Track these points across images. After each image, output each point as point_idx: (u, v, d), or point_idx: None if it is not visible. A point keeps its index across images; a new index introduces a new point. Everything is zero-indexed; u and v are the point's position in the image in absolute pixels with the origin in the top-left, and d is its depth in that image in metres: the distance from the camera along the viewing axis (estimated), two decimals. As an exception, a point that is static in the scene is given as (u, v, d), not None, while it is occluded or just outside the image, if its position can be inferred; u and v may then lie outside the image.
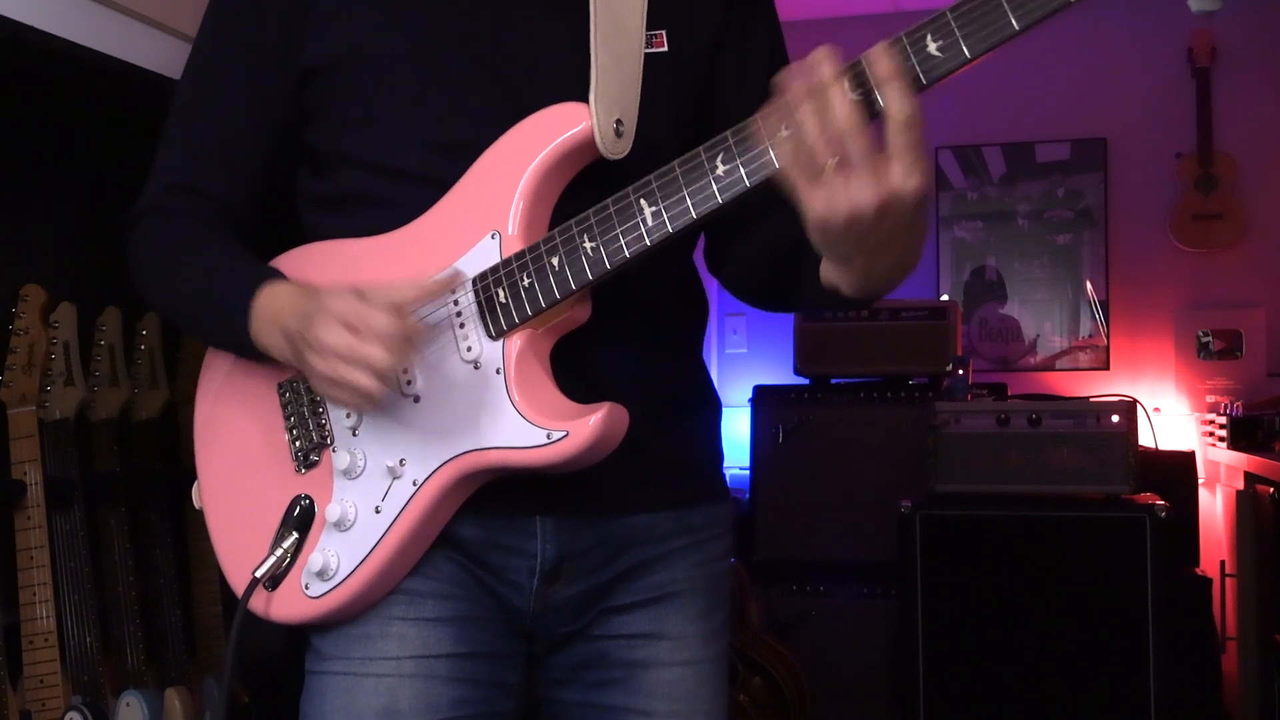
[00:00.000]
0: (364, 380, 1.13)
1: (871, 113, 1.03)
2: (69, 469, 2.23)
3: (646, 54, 1.25)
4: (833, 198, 1.03)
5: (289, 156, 1.35)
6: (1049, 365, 4.52)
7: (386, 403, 1.20)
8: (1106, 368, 4.45)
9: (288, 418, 1.29)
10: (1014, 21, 1.00)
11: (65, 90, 2.33)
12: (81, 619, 2.21)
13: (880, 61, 1.01)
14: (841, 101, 1.01)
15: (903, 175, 1.01)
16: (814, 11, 4.26)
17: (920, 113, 1.02)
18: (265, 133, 1.33)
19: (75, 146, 2.49)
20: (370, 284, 1.16)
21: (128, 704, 2.20)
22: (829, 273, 1.15)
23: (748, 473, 3.94)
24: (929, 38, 1.03)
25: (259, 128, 1.33)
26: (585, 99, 1.19)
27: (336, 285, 1.17)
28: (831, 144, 1.01)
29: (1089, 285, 4.50)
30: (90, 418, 2.35)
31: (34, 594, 2.13)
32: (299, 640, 1.32)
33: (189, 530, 2.55)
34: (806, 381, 3.95)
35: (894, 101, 1.01)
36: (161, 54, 2.27)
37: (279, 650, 1.36)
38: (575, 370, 1.23)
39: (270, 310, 1.22)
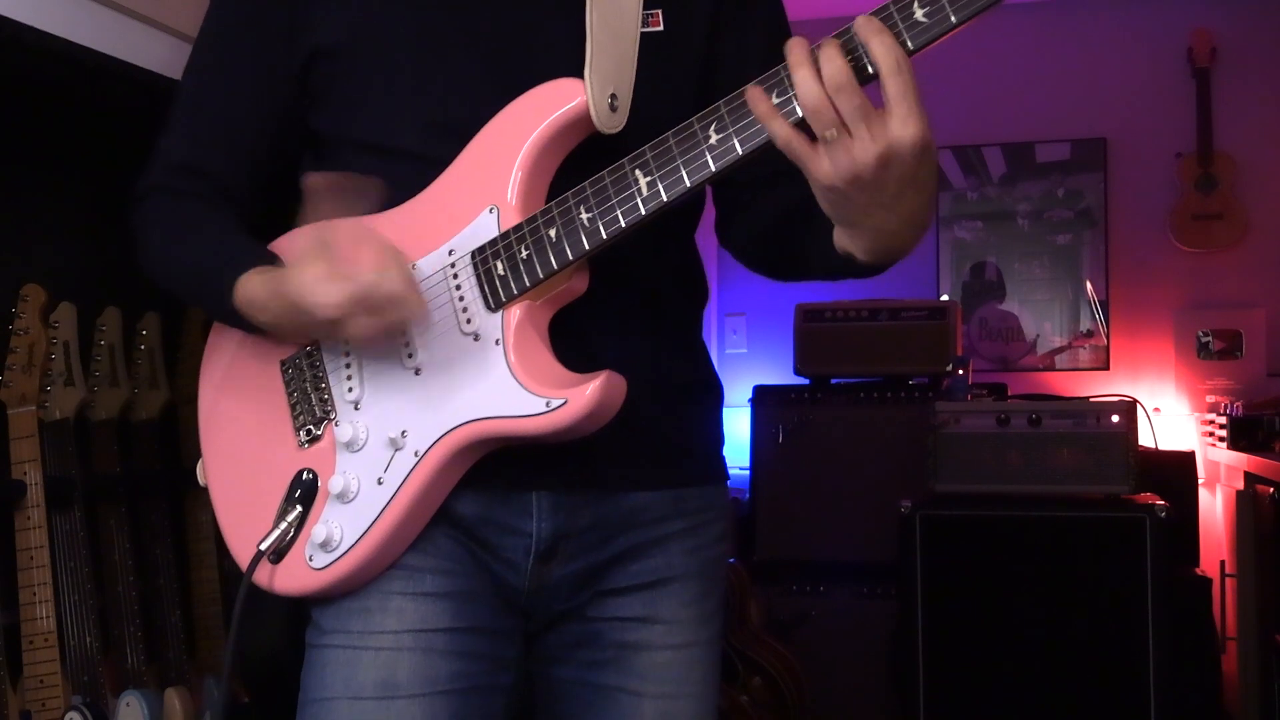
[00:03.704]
0: (414, 310, 1.18)
1: (863, 78, 1.06)
2: (69, 469, 2.23)
3: (643, 33, 1.27)
4: (836, 160, 1.06)
5: (292, 140, 1.36)
6: (1049, 365, 4.52)
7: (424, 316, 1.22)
8: (1106, 368, 4.45)
9: (290, 394, 1.30)
10: None
11: (65, 90, 2.33)
12: (81, 619, 2.21)
13: (864, 22, 1.05)
14: (831, 63, 1.05)
15: (899, 124, 1.04)
16: (814, 11, 4.26)
17: (907, 60, 1.04)
18: (268, 116, 1.35)
19: (75, 146, 2.49)
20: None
21: (128, 704, 2.20)
22: (842, 239, 1.17)
23: (748, 473, 3.94)
24: (916, 4, 1.04)
25: (262, 110, 1.34)
26: (580, 74, 1.20)
27: (292, 264, 1.20)
28: (826, 107, 1.05)
29: (1089, 285, 4.50)
30: (90, 418, 2.35)
31: (34, 594, 2.13)
32: (300, 640, 1.32)
33: (189, 530, 2.55)
34: (806, 381, 3.95)
35: (878, 51, 1.04)
36: (161, 54, 2.27)
37: (280, 649, 1.36)
38: (574, 350, 1.24)
39: (262, 291, 1.23)
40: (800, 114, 1.08)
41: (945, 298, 4.50)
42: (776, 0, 1.42)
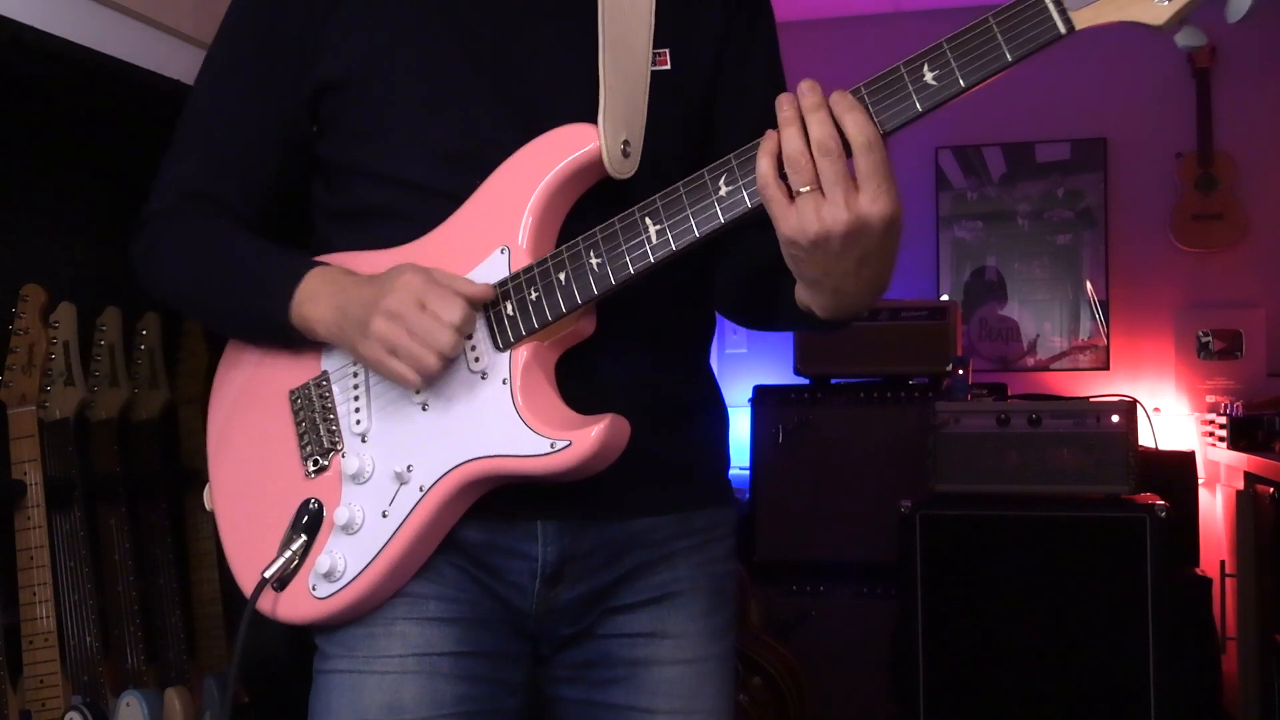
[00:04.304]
0: (429, 358, 1.18)
1: (848, 151, 1.08)
2: (69, 469, 2.23)
3: (651, 72, 1.28)
4: (804, 218, 1.08)
5: (299, 168, 1.37)
6: (1049, 365, 4.52)
7: (436, 380, 1.22)
8: (1106, 368, 4.45)
9: (299, 424, 1.32)
10: (1007, 54, 1.06)
11: (65, 91, 2.33)
12: (81, 619, 2.21)
13: (839, 98, 1.08)
14: (821, 127, 1.07)
15: (869, 199, 1.07)
16: (814, 11, 4.26)
17: (879, 138, 1.07)
18: (278, 145, 1.36)
19: (75, 146, 2.49)
20: (435, 267, 1.20)
21: (128, 704, 2.20)
22: (802, 294, 1.19)
23: (748, 473, 3.94)
24: (925, 67, 1.07)
25: (272, 139, 1.35)
26: (593, 118, 1.22)
27: (404, 264, 1.21)
28: (806, 162, 1.07)
29: (1089, 285, 4.50)
30: (90, 418, 2.34)
31: (34, 594, 2.13)
32: (300, 642, 1.33)
33: (189, 530, 2.55)
34: (806, 381, 3.95)
35: (851, 128, 1.07)
36: (161, 54, 2.27)
37: (280, 652, 1.37)
38: (580, 378, 1.25)
39: (325, 287, 1.25)
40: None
41: (945, 298, 4.50)
42: (775, 38, 1.43)
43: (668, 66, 1.30)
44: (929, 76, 1.06)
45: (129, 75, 2.24)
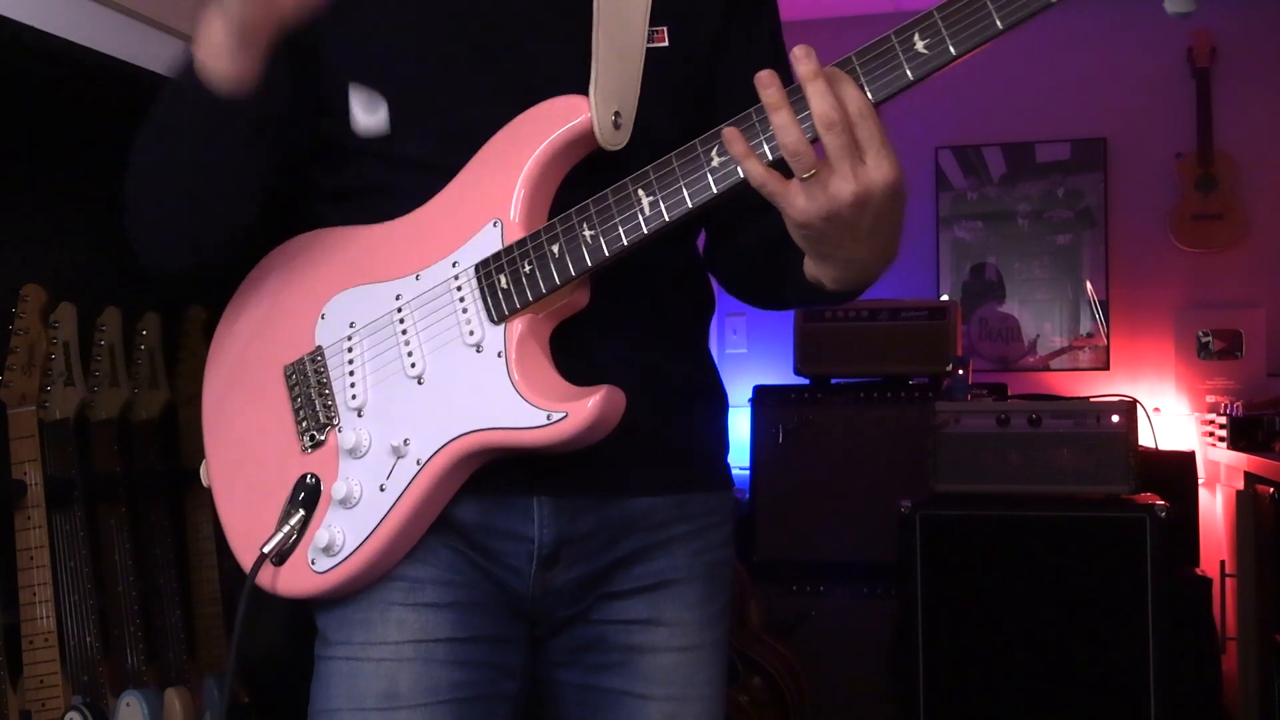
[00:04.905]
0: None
1: None
2: (69, 469, 2.23)
3: (648, 48, 1.28)
4: (813, 196, 1.09)
5: (299, 152, 1.36)
6: (1049, 365, 4.52)
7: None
8: (1106, 368, 4.46)
9: (294, 399, 1.32)
10: (998, 21, 1.06)
11: (65, 90, 2.33)
12: (81, 619, 2.21)
13: (831, 72, 1.09)
14: (820, 99, 1.07)
15: (873, 166, 1.08)
16: (814, 12, 4.26)
17: (871, 106, 1.08)
18: (276, 125, 1.35)
19: (75, 146, 2.49)
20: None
21: (128, 704, 2.20)
22: (812, 268, 1.19)
23: (748, 473, 3.95)
24: (916, 36, 1.08)
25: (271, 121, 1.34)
26: (585, 91, 1.22)
27: None
28: (807, 149, 1.07)
29: (1089, 285, 4.50)
30: (90, 418, 2.35)
31: (34, 594, 2.13)
32: (298, 640, 1.33)
33: (189, 530, 2.55)
34: (806, 381, 3.96)
35: (847, 98, 1.07)
36: (162, 54, 2.27)
37: (279, 650, 1.37)
38: (575, 357, 1.25)
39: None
40: (772, 156, 1.10)
41: (945, 298, 4.50)
42: (779, 27, 1.44)
43: (665, 44, 1.31)
44: (920, 45, 1.07)
45: (129, 75, 2.24)
